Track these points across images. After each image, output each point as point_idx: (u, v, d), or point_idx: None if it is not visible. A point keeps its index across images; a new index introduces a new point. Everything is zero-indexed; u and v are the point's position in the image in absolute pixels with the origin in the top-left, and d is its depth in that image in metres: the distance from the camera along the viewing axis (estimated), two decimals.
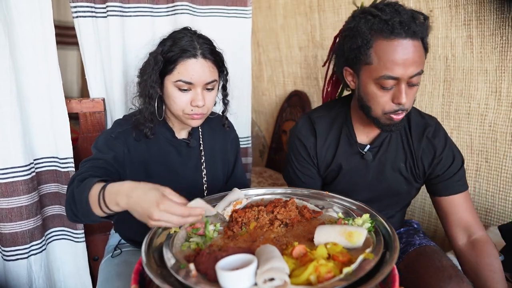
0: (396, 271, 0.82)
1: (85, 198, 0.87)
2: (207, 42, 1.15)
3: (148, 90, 1.13)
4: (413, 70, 1.02)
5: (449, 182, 1.20)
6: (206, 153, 1.31)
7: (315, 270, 0.72)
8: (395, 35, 1.01)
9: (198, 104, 1.12)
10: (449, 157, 1.20)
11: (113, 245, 1.37)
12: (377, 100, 1.08)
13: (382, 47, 1.02)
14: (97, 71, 1.46)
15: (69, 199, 0.94)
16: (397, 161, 1.23)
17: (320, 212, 1.04)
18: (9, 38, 1.22)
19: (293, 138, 1.31)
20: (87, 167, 1.03)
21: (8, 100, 1.23)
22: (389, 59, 1.02)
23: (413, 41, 1.01)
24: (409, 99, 1.06)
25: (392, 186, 1.26)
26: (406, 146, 1.22)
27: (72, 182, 0.97)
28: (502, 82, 1.52)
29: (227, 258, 0.75)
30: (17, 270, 1.34)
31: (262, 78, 2.63)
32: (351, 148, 1.25)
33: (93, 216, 0.89)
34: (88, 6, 1.37)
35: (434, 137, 1.19)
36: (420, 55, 1.03)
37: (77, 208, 0.91)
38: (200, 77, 1.10)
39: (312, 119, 1.29)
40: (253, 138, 2.74)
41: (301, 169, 1.31)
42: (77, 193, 0.91)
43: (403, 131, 1.22)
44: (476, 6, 1.51)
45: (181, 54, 1.09)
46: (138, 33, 1.47)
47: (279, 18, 2.35)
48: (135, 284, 0.82)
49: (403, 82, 1.03)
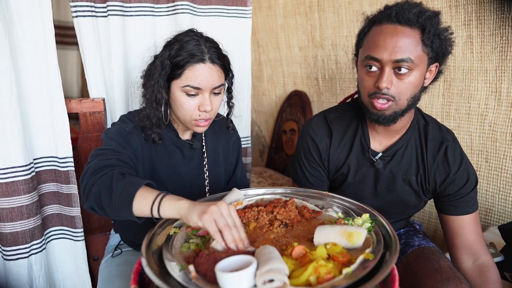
0: (396, 271, 0.83)
1: (131, 194, 0.87)
2: (214, 46, 1.13)
3: (156, 95, 1.12)
4: (397, 55, 1.00)
5: (460, 202, 1.17)
6: (209, 154, 1.31)
7: (315, 271, 0.72)
8: (386, 21, 1.03)
9: (206, 109, 1.11)
10: (463, 178, 1.15)
11: (114, 245, 1.37)
12: (363, 84, 1.09)
13: (373, 31, 1.06)
14: (97, 71, 1.46)
15: (101, 187, 0.91)
16: (409, 173, 1.19)
17: (320, 212, 1.04)
18: (9, 38, 1.22)
19: (305, 136, 1.27)
20: (116, 160, 1.01)
21: (8, 100, 1.23)
22: (373, 40, 1.04)
23: (403, 27, 1.00)
24: (394, 85, 1.03)
25: (401, 197, 1.22)
26: (420, 160, 1.18)
27: (99, 171, 0.95)
28: (502, 82, 1.52)
29: (226, 259, 0.75)
30: (18, 269, 1.34)
31: (262, 78, 2.62)
32: (362, 153, 1.21)
33: (126, 211, 0.88)
34: (87, 5, 1.37)
35: (450, 155, 1.15)
36: (411, 43, 1.00)
37: (111, 199, 0.89)
38: (208, 82, 1.09)
39: (328, 119, 1.26)
40: (253, 138, 2.74)
41: (310, 169, 1.28)
42: (119, 185, 0.89)
43: (418, 144, 1.18)
44: (476, 6, 1.51)
45: (189, 59, 1.08)
46: (139, 33, 1.47)
47: (279, 18, 2.35)
48: (135, 284, 0.82)
49: (387, 66, 1.02)
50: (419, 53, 1.02)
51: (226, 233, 0.80)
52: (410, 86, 1.04)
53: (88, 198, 0.93)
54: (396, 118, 1.08)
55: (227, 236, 0.80)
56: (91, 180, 0.94)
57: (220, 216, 0.81)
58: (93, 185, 0.93)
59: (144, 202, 0.87)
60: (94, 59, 1.44)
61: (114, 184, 0.90)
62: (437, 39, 1.03)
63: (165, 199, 0.87)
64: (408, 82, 1.03)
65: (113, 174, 0.92)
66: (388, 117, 1.07)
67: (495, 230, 1.55)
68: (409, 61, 1.00)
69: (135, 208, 0.88)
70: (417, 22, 1.00)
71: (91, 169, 0.96)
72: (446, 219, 1.20)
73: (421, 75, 1.05)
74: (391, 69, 1.02)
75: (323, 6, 2.07)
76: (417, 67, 1.02)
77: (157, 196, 0.87)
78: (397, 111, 1.07)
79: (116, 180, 0.91)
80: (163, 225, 0.99)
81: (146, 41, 1.48)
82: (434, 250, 1.24)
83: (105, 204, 0.90)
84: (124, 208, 0.88)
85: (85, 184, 0.95)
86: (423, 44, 1.02)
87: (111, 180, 0.91)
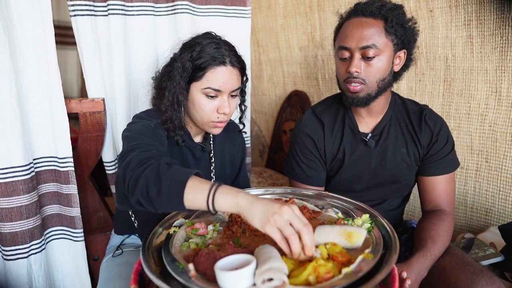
0: (396, 271, 0.83)
1: (182, 183, 0.82)
2: (233, 49, 1.16)
3: (177, 97, 1.12)
4: (363, 42, 1.16)
5: (441, 163, 1.30)
6: (216, 157, 1.33)
7: (314, 270, 0.72)
8: (354, 15, 1.21)
9: (225, 111, 1.12)
10: (444, 138, 1.29)
11: (115, 245, 1.37)
12: (338, 71, 1.26)
13: (344, 25, 1.23)
14: (96, 70, 1.45)
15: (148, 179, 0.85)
16: (397, 146, 1.31)
17: (319, 212, 1.03)
18: (8, 38, 1.22)
19: (299, 133, 1.37)
20: (156, 151, 0.96)
21: (7, 100, 1.23)
22: (344, 32, 1.21)
23: (368, 18, 1.17)
24: (363, 70, 1.18)
25: (394, 172, 1.33)
26: (406, 132, 1.32)
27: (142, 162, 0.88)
28: (502, 82, 1.52)
29: (226, 258, 0.75)
30: (17, 269, 1.34)
31: (262, 78, 2.63)
32: (354, 137, 1.33)
33: (177, 203, 0.82)
34: (86, 4, 1.37)
35: (431, 120, 1.30)
36: (375, 31, 1.16)
37: (160, 189, 0.83)
38: (228, 85, 1.11)
39: (317, 112, 1.38)
40: (253, 138, 2.74)
41: (307, 162, 1.36)
42: (167, 176, 0.84)
43: (401, 119, 1.33)
44: (476, 6, 1.51)
45: (211, 62, 1.09)
46: (140, 33, 1.46)
47: (279, 18, 2.35)
48: (135, 284, 0.82)
49: (356, 53, 1.18)
50: (384, 40, 1.17)
51: (293, 242, 0.75)
52: (378, 69, 1.19)
53: (135, 192, 0.86)
54: (369, 100, 1.23)
55: (294, 246, 0.75)
56: (136, 172, 0.87)
57: (287, 224, 0.75)
58: (138, 178, 0.86)
59: (197, 194, 0.82)
60: (92, 58, 1.44)
61: (162, 175, 0.84)
62: (401, 28, 1.19)
63: (219, 191, 0.82)
64: (376, 66, 1.18)
65: (159, 165, 0.87)
66: (362, 99, 1.22)
67: (495, 230, 1.55)
68: (374, 48, 1.16)
69: (186, 200, 0.82)
70: (380, 14, 1.17)
71: (134, 162, 0.90)
72: (428, 180, 1.32)
73: (388, 60, 1.20)
74: (359, 56, 1.18)
75: (323, 6, 2.07)
76: (382, 52, 1.17)
77: (211, 187, 0.82)
78: (370, 93, 1.21)
79: (164, 170, 0.85)
80: (163, 225, 0.99)
81: (147, 40, 1.48)
82: (453, 247, 1.25)
83: (153, 197, 0.84)
84: (175, 198, 0.82)
85: (129, 177, 0.88)
86: (387, 32, 1.17)
87: (158, 171, 0.85)
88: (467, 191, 1.73)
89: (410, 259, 1.13)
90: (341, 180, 1.36)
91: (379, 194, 1.37)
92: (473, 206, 1.72)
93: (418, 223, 1.30)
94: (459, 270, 1.12)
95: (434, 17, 1.64)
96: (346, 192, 1.34)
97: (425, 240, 1.18)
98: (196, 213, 1.04)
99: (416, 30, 1.25)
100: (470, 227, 1.75)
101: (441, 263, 1.18)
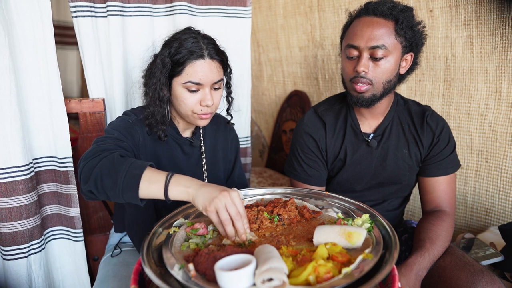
0: (395, 271, 0.82)
1: (137, 175, 0.88)
2: (212, 42, 1.16)
3: (158, 93, 1.14)
4: (373, 42, 1.14)
5: (442, 164, 1.29)
6: (207, 152, 1.33)
7: (314, 270, 0.72)
8: (364, 14, 1.19)
9: (208, 103, 1.14)
10: (445, 139, 1.29)
11: (113, 244, 1.37)
12: (345, 70, 1.24)
13: (353, 24, 1.22)
14: (97, 71, 1.46)
15: (102, 170, 0.90)
16: (399, 147, 1.31)
17: (319, 212, 1.03)
18: (8, 38, 1.22)
19: (301, 133, 1.37)
20: (114, 145, 1.02)
21: (7, 100, 1.23)
22: (353, 30, 1.20)
23: (379, 18, 1.16)
24: (370, 70, 1.17)
25: (395, 172, 1.33)
26: (408, 133, 1.31)
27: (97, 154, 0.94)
28: (502, 82, 1.52)
29: (226, 258, 0.75)
30: (17, 269, 1.34)
31: (262, 78, 2.62)
32: (356, 138, 1.33)
33: (132, 194, 0.88)
34: (87, 5, 1.37)
35: (433, 121, 1.30)
36: (385, 32, 1.15)
37: (115, 180, 0.89)
38: (208, 77, 1.12)
39: (319, 112, 1.37)
40: (253, 138, 2.74)
41: (308, 161, 1.36)
42: (123, 168, 0.89)
43: (403, 119, 1.32)
44: (476, 6, 1.51)
45: (189, 56, 1.11)
46: (138, 33, 1.47)
47: (279, 18, 2.35)
48: (135, 284, 0.82)
49: (364, 52, 1.16)
50: (393, 41, 1.16)
51: (227, 226, 0.85)
52: (385, 71, 1.18)
53: (88, 181, 0.91)
54: (374, 101, 1.22)
55: (227, 228, 0.85)
56: (90, 163, 0.93)
57: (223, 208, 0.84)
58: (93, 168, 0.91)
59: (152, 185, 0.88)
60: (93, 59, 1.44)
61: (117, 167, 0.89)
62: (410, 30, 1.17)
63: (172, 181, 0.88)
64: (383, 67, 1.17)
65: (114, 157, 0.92)
66: (367, 100, 1.21)
67: (495, 230, 1.55)
68: (383, 48, 1.15)
69: (141, 190, 0.88)
70: (391, 14, 1.15)
71: (90, 153, 0.96)
72: (429, 181, 1.32)
73: (396, 62, 1.19)
74: (368, 55, 1.16)
75: (323, 6, 2.07)
76: (391, 54, 1.16)
77: (166, 178, 0.88)
78: (375, 94, 1.20)
79: (118, 162, 0.90)
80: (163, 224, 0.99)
81: (145, 41, 1.48)
82: (453, 247, 1.25)
83: (107, 187, 0.90)
84: (130, 190, 0.88)
85: (83, 166, 0.94)
86: (397, 33, 1.16)
87: (113, 163, 0.91)
88: (467, 191, 1.73)
89: (408, 259, 1.13)
90: (342, 180, 1.36)
91: (379, 195, 1.37)
92: (473, 206, 1.72)
93: (418, 224, 1.30)
94: (459, 270, 1.12)
95: (434, 17, 1.64)
96: (346, 192, 1.34)
97: (424, 240, 1.18)
98: (196, 213, 1.04)
99: (425, 34, 1.23)
100: (470, 227, 1.75)
101: (441, 263, 1.18)
